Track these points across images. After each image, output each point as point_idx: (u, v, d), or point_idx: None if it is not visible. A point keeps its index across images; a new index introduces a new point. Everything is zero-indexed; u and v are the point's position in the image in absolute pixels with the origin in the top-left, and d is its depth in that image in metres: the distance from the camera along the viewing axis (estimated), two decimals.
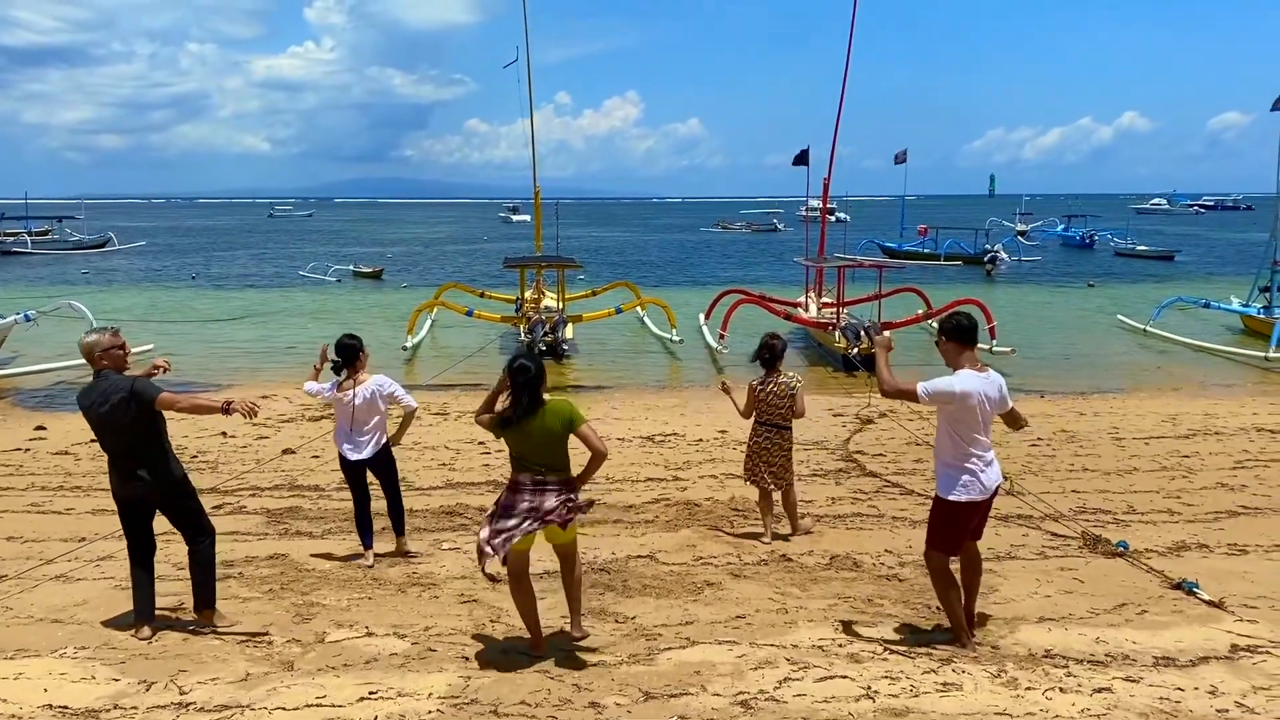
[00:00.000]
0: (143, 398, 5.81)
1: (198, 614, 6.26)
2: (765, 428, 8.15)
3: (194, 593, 6.25)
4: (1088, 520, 8.70)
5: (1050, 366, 19.94)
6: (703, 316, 24.56)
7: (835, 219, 35.17)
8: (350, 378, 7.49)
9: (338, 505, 9.32)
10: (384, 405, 7.56)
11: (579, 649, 5.86)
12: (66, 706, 5.17)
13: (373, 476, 7.74)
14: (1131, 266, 48.40)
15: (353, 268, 45.74)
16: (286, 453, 11.81)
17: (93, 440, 11.98)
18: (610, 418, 14.15)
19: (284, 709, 5.12)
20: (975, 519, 5.90)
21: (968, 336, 5.76)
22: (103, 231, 67.56)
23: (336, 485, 10.03)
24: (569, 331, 21.42)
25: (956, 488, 5.71)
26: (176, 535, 7.19)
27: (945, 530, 5.82)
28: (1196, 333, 23.52)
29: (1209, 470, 10.74)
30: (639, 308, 25.43)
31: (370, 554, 7.65)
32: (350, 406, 7.44)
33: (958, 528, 5.82)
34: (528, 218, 37.14)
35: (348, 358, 7.47)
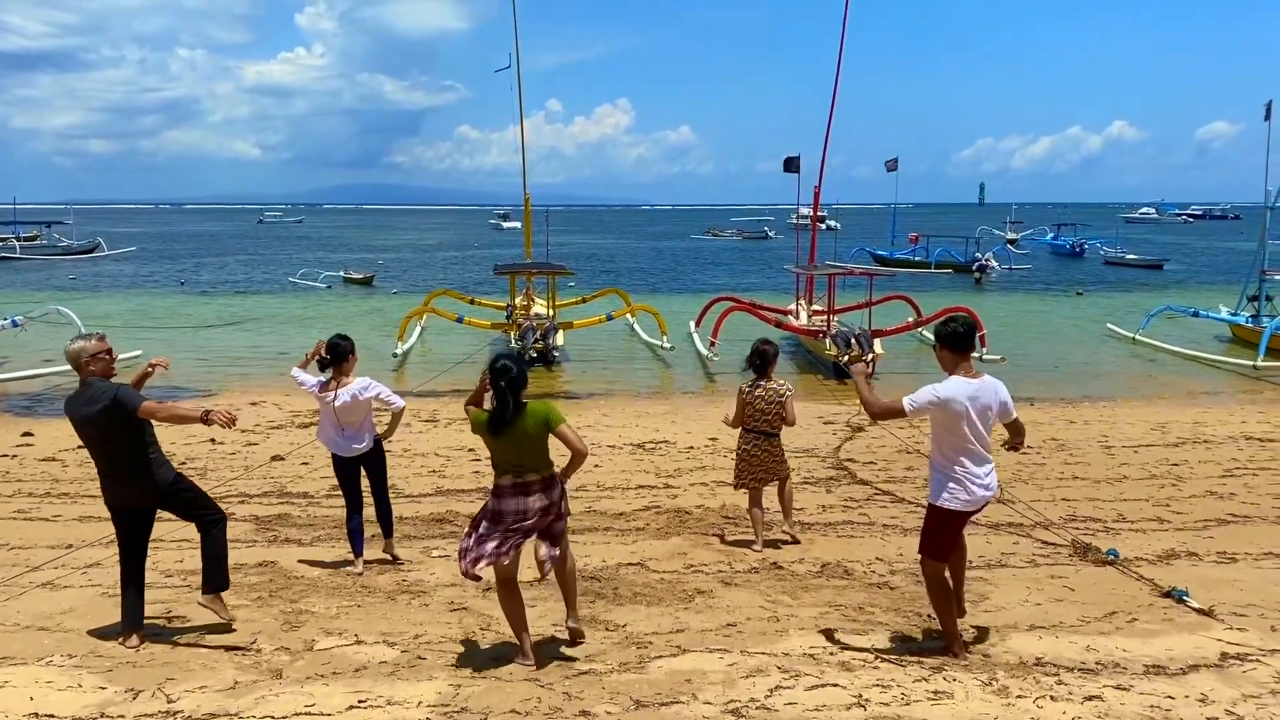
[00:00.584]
0: (126, 407, 5.77)
1: (204, 596, 6.18)
2: (754, 435, 8.12)
3: (205, 576, 6.18)
4: (1078, 528, 8.72)
5: (1040, 374, 19.98)
6: (693, 324, 24.56)
7: (826, 227, 35.25)
8: (335, 378, 7.47)
9: (327, 512, 9.28)
10: (369, 406, 7.55)
11: (570, 655, 5.85)
12: (53, 715, 5.13)
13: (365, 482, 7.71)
14: (1121, 275, 48.57)
15: (343, 274, 45.63)
16: (275, 459, 11.77)
17: (80, 447, 11.99)
18: (601, 425, 14.13)
19: (273, 717, 5.09)
20: (963, 527, 5.91)
21: (961, 343, 5.74)
22: (91, 237, 67.25)
23: (326, 492, 9.99)
24: (559, 338, 21.39)
25: (944, 494, 5.71)
26: (163, 543, 7.13)
27: (937, 537, 5.82)
28: (1185, 341, 23.62)
29: (1198, 478, 10.77)
30: (629, 315, 25.42)
31: (360, 562, 7.61)
32: (332, 407, 7.43)
33: (948, 534, 5.83)
34: (518, 224, 37.13)
35: (335, 358, 7.45)
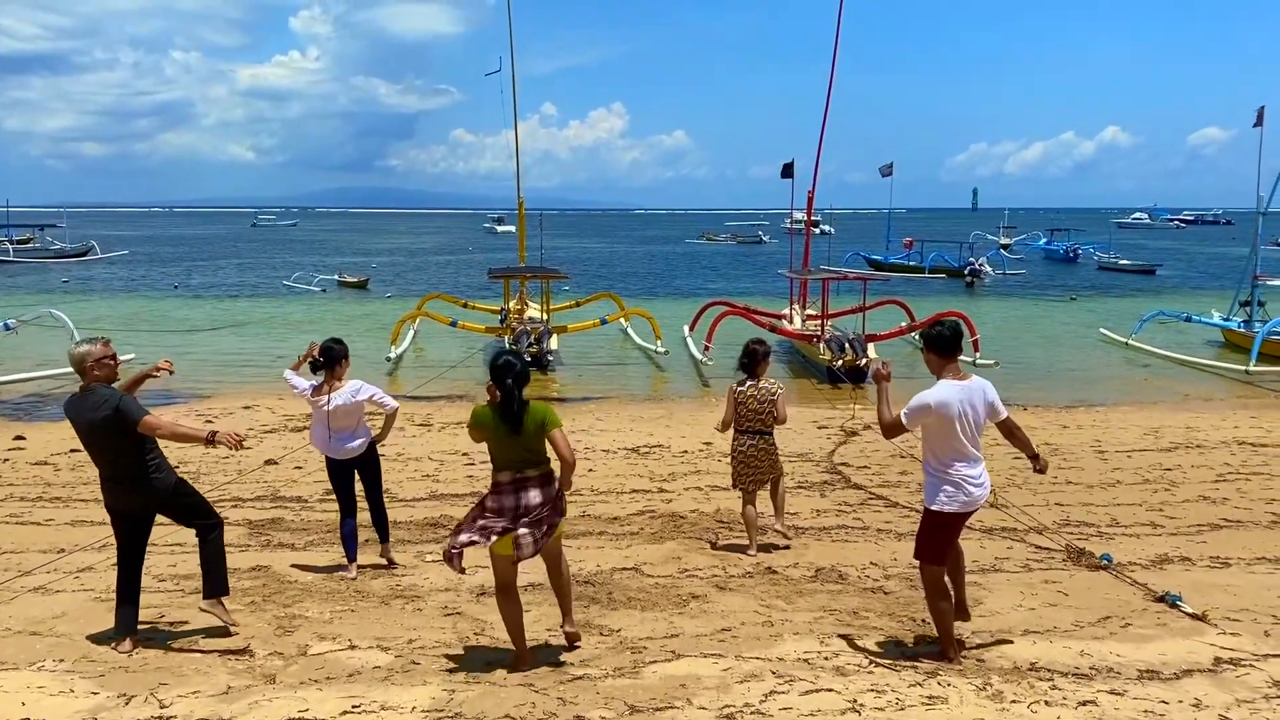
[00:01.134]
0: (127, 419, 5.75)
1: (205, 601, 6.17)
2: (748, 435, 8.12)
3: (205, 581, 6.17)
4: (1072, 533, 8.73)
5: (1033, 379, 20.03)
6: (687, 328, 24.57)
7: (820, 231, 35.29)
8: (328, 382, 7.46)
9: (320, 517, 9.26)
10: (362, 409, 7.54)
11: (564, 660, 5.84)
12: None
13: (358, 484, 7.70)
14: (1114, 280, 48.71)
15: (337, 277, 45.58)
16: (269, 464, 11.74)
17: (73, 450, 11.99)
18: (595, 429, 14.12)
19: None
20: (959, 530, 5.92)
21: (946, 346, 5.76)
22: (85, 240, 67.09)
23: (320, 497, 9.96)
24: (553, 343, 21.39)
25: (940, 497, 5.73)
26: (156, 548, 7.09)
27: (933, 540, 5.83)
28: (1178, 346, 23.68)
29: (1191, 483, 10.79)
30: (623, 319, 25.42)
31: (353, 567, 7.58)
32: (325, 411, 7.42)
33: (944, 538, 5.83)
34: (513, 228, 37.16)
35: (329, 361, 7.44)
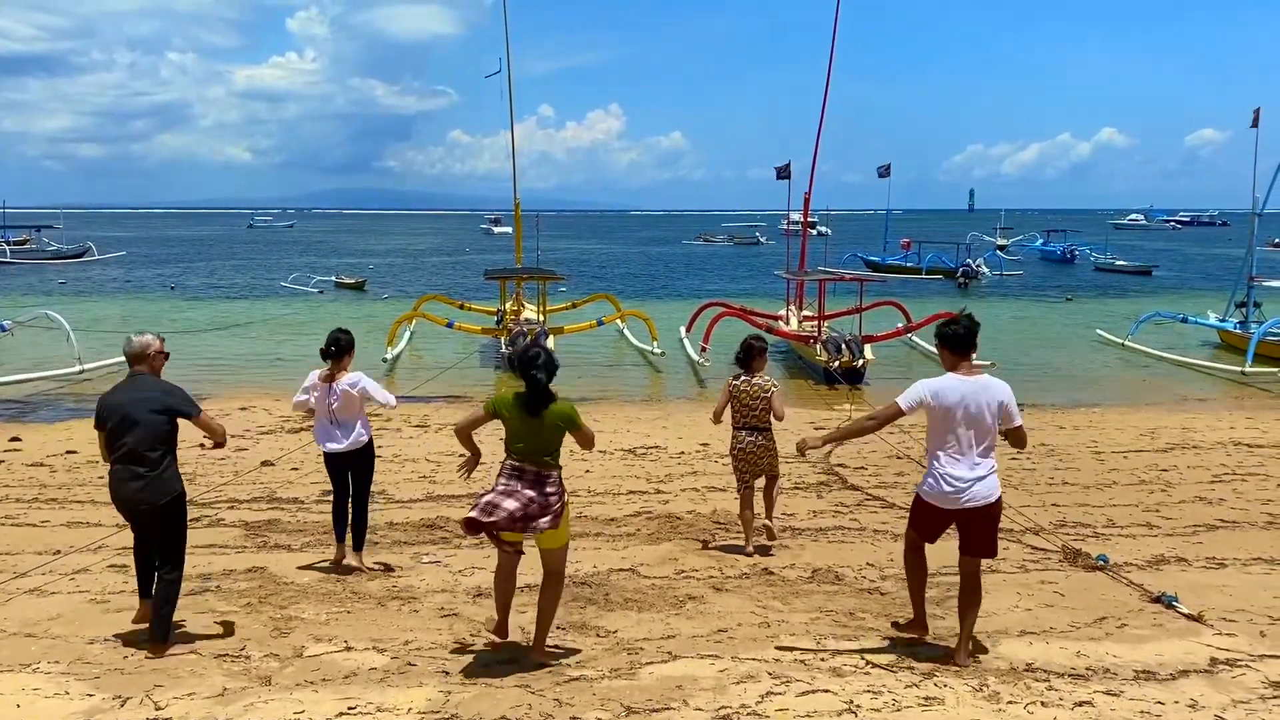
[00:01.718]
0: (180, 410, 6.01)
1: (149, 645, 6.02)
2: (745, 431, 8.12)
3: (150, 624, 6.07)
4: (1068, 534, 8.74)
5: (1030, 380, 20.02)
6: (684, 329, 24.57)
7: (817, 233, 35.31)
8: (335, 371, 7.49)
9: (317, 518, 9.24)
10: (360, 400, 7.54)
11: (561, 662, 5.83)
12: None
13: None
14: (1111, 281, 48.80)
15: (335, 279, 45.55)
16: (265, 465, 11.73)
17: (69, 452, 11.97)
18: (592, 430, 14.09)
19: None
20: (943, 522, 5.84)
21: (959, 344, 5.76)
22: (81, 241, 66.97)
23: (316, 498, 9.96)
24: (550, 344, 21.38)
25: (923, 486, 5.83)
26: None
27: (913, 516, 6.05)
28: (1174, 347, 23.71)
29: (1187, 484, 10.81)
30: (619, 320, 25.42)
31: (343, 549, 7.64)
32: (328, 403, 7.44)
33: (923, 520, 5.93)
34: (510, 229, 37.14)
35: (338, 350, 7.48)
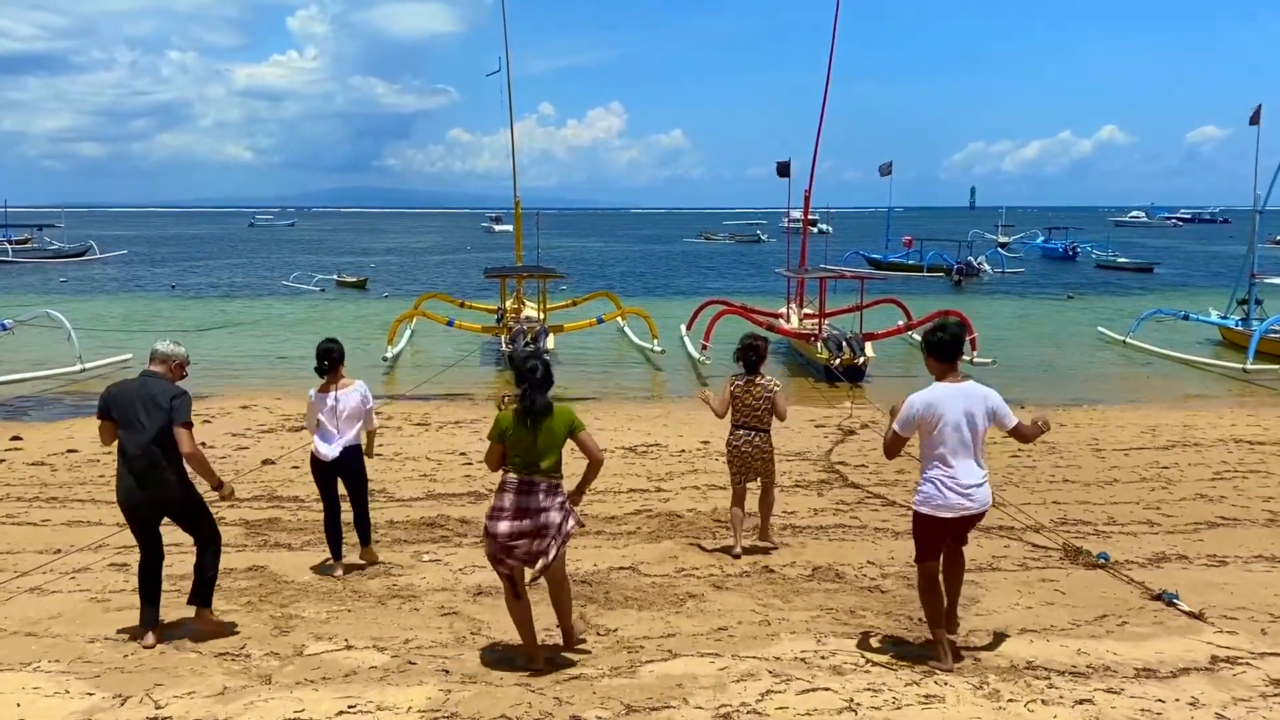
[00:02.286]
0: (172, 413, 5.97)
1: (195, 617, 6.35)
2: (744, 430, 8.06)
3: (192, 588, 6.37)
4: (1069, 532, 8.73)
5: (1031, 378, 20.03)
6: (684, 327, 24.56)
7: (817, 230, 35.32)
8: (333, 382, 7.48)
9: (317, 517, 9.21)
10: (364, 412, 7.54)
11: (561, 660, 5.84)
12: None
13: (342, 489, 7.66)
14: (1112, 279, 48.76)
15: (336, 277, 45.54)
16: (266, 463, 11.74)
17: (70, 451, 11.97)
18: (592, 429, 13.99)
19: None
20: (947, 534, 5.80)
21: (944, 352, 5.69)
22: (83, 240, 66.98)
23: (316, 497, 9.92)
24: (550, 342, 21.36)
25: (919, 499, 5.75)
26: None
27: (916, 539, 5.86)
28: (1175, 345, 23.68)
29: (1188, 481, 10.80)
30: (620, 318, 25.40)
31: (339, 565, 7.61)
32: (333, 410, 7.42)
33: (924, 538, 5.80)
34: (510, 228, 37.17)
35: (331, 362, 7.46)
